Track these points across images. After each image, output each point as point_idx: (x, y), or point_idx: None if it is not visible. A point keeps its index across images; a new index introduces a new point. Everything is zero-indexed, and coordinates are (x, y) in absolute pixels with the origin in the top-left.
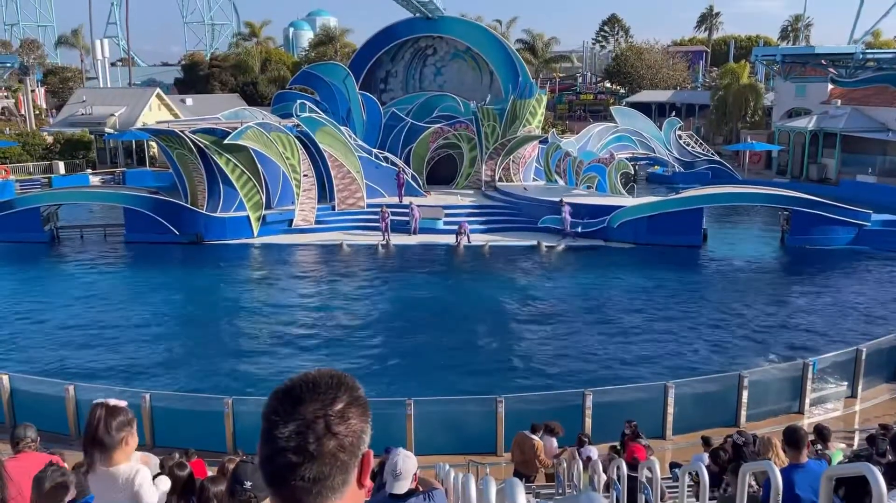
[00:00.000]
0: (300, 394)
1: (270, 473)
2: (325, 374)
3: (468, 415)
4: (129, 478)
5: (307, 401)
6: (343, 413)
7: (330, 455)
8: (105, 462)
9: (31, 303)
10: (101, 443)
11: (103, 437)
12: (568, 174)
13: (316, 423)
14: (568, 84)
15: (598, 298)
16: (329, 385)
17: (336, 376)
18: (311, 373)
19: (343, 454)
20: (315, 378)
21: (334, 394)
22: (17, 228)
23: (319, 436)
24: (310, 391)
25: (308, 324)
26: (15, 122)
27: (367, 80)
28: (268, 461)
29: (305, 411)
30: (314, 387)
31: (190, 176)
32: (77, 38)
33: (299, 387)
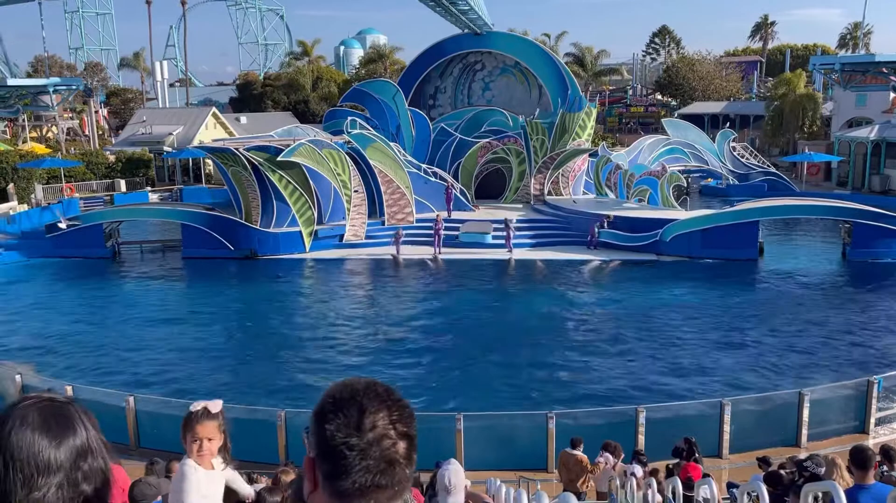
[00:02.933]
0: (364, 404)
1: (352, 485)
2: (370, 382)
3: (518, 431)
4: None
5: (372, 409)
6: (403, 416)
7: (405, 457)
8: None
9: (94, 316)
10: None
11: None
12: (619, 187)
13: (388, 430)
14: (618, 97)
15: (651, 313)
16: (386, 392)
17: (382, 384)
18: (356, 383)
19: (413, 453)
20: (366, 386)
21: (392, 399)
22: (81, 244)
23: (395, 440)
24: (372, 399)
25: (358, 337)
26: (80, 142)
27: (416, 97)
28: (344, 474)
29: (376, 420)
30: (374, 395)
31: (244, 192)
32: (138, 60)
33: (359, 396)
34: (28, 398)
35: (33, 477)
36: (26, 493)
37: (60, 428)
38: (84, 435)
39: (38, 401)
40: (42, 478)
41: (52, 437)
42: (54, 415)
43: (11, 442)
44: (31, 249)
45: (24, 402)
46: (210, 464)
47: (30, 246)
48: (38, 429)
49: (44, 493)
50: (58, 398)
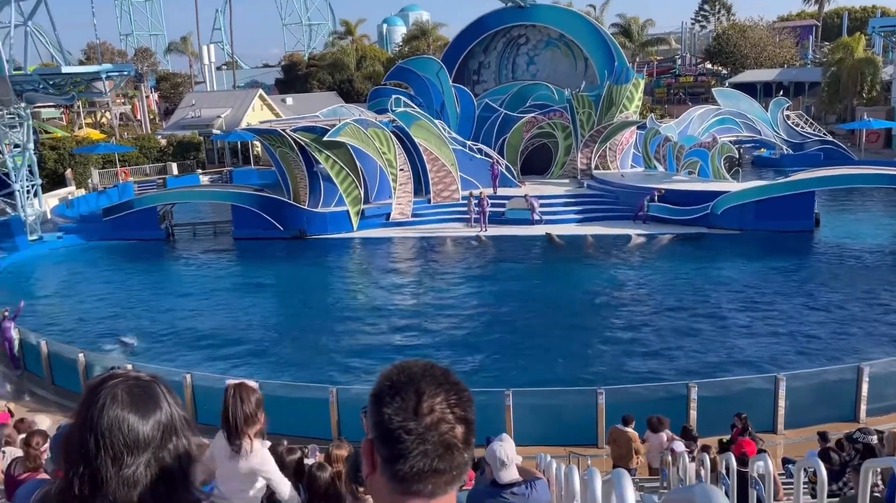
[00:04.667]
0: (421, 388)
1: (410, 470)
2: (428, 365)
3: (567, 407)
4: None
5: (430, 393)
6: (461, 400)
7: (463, 442)
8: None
9: (150, 296)
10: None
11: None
12: (668, 160)
13: (446, 414)
14: (666, 67)
15: (702, 287)
16: (444, 375)
17: (439, 366)
18: (413, 366)
19: (471, 438)
20: (423, 369)
21: (450, 383)
22: (136, 227)
23: (452, 425)
24: (429, 383)
25: (405, 315)
26: (132, 127)
27: (459, 73)
28: (402, 458)
29: (434, 404)
30: (431, 378)
31: (292, 173)
32: (186, 44)
33: (416, 379)
34: (115, 376)
35: (123, 454)
36: (116, 471)
37: (148, 406)
38: (169, 412)
39: (126, 380)
40: (131, 456)
41: (140, 415)
42: (141, 394)
43: (102, 420)
44: (89, 232)
45: (111, 381)
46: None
47: (88, 229)
48: (127, 408)
49: (133, 471)
50: (143, 377)
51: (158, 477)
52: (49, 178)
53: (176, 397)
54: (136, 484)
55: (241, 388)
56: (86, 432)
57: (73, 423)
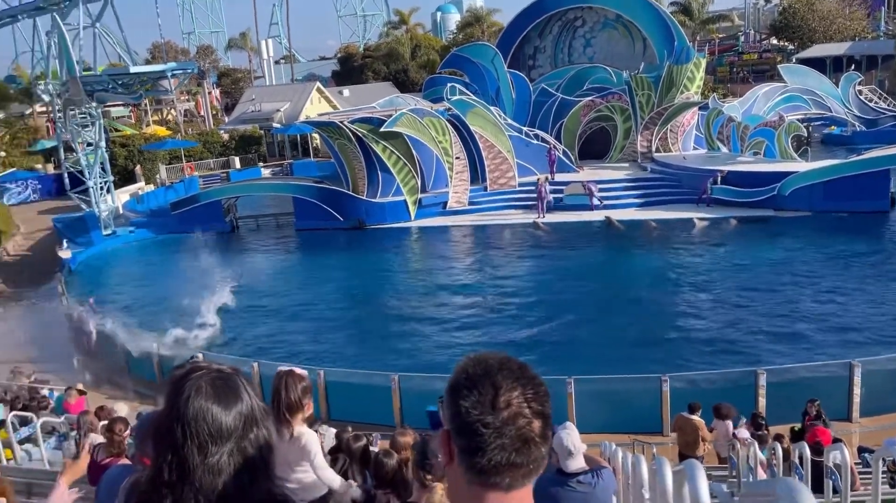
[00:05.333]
0: (498, 382)
1: (487, 463)
2: (504, 359)
3: (631, 394)
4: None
5: (507, 387)
6: (538, 394)
7: (541, 436)
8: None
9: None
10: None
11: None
12: (732, 140)
13: (523, 409)
14: (729, 44)
15: (770, 272)
16: (520, 369)
17: (516, 360)
18: (489, 359)
19: (549, 432)
20: (500, 363)
21: (526, 377)
22: (202, 220)
23: (530, 419)
24: (506, 377)
25: (466, 303)
26: (196, 123)
27: (514, 58)
28: (480, 451)
29: (511, 398)
30: (508, 372)
31: (350, 164)
32: (245, 40)
33: (493, 373)
34: (197, 369)
35: (208, 443)
36: (202, 459)
37: (230, 398)
38: (250, 403)
39: (208, 372)
40: (215, 445)
41: (223, 407)
42: (223, 386)
43: (189, 411)
44: (158, 226)
45: (195, 373)
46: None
47: (158, 223)
48: (211, 399)
49: (217, 459)
50: (224, 369)
51: (241, 465)
52: (120, 174)
53: (254, 388)
54: (220, 472)
55: (289, 376)
56: (173, 422)
57: (160, 413)
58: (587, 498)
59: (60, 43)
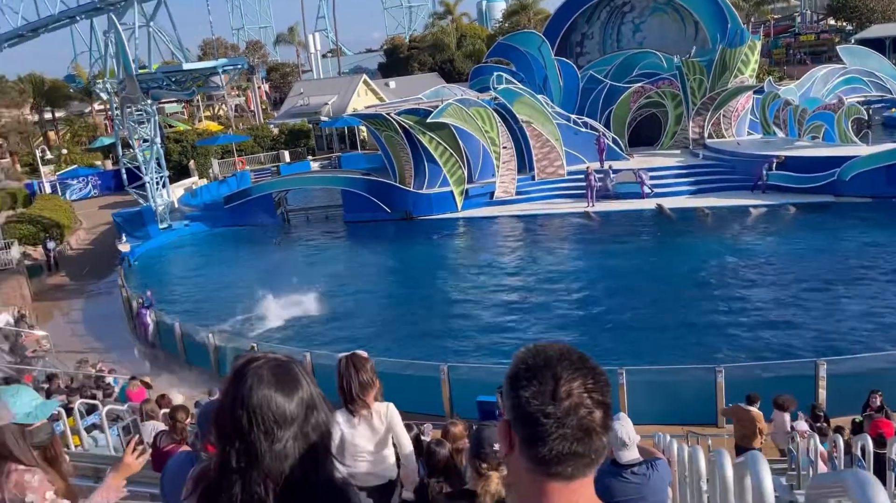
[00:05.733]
0: (558, 372)
1: (549, 453)
2: (565, 349)
3: (684, 385)
4: (386, 412)
5: (567, 377)
6: (599, 384)
7: (602, 426)
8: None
9: (270, 279)
10: (363, 385)
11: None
12: (789, 124)
13: (584, 399)
14: (784, 26)
15: (830, 260)
16: (581, 359)
17: (575, 350)
18: (549, 349)
19: (610, 422)
20: (560, 353)
21: (587, 367)
22: (254, 213)
23: (591, 409)
24: (566, 367)
25: (514, 293)
26: (246, 118)
27: (562, 46)
28: (541, 441)
29: (572, 388)
30: (568, 363)
31: (398, 156)
32: (293, 35)
33: (553, 363)
34: (257, 358)
35: (273, 429)
36: (269, 445)
37: (290, 384)
38: (309, 390)
39: (267, 361)
40: (280, 431)
41: (284, 394)
42: (283, 374)
43: (253, 398)
44: (212, 220)
45: (254, 363)
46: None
47: (212, 216)
48: (273, 387)
49: (283, 445)
50: (281, 358)
51: (304, 450)
52: (174, 169)
53: (311, 376)
54: (286, 457)
55: (354, 358)
56: (238, 410)
57: (222, 402)
58: (641, 489)
59: (117, 42)
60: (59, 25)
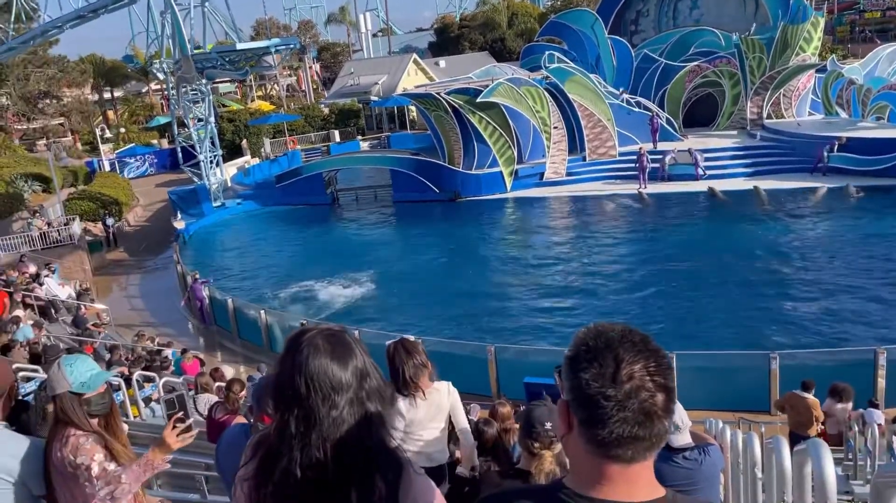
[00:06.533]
0: (620, 354)
1: (609, 435)
2: (626, 330)
3: (737, 371)
4: (448, 391)
5: (629, 360)
6: (661, 367)
7: (664, 409)
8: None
9: (320, 257)
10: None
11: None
12: (852, 105)
13: (646, 382)
14: (849, 2)
15: (890, 246)
16: (643, 342)
17: (637, 331)
18: (610, 330)
19: (672, 405)
20: (622, 335)
21: (649, 349)
22: (304, 192)
23: (653, 393)
24: (628, 349)
25: (561, 275)
26: (297, 98)
27: (615, 24)
28: (601, 424)
29: (633, 371)
30: (630, 345)
31: (447, 136)
32: (343, 14)
33: (615, 345)
34: (310, 329)
35: (330, 396)
36: (327, 411)
37: (344, 353)
38: (362, 359)
39: (321, 331)
40: (337, 397)
41: (339, 361)
42: (337, 343)
43: (310, 367)
44: (264, 198)
45: (309, 332)
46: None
47: (263, 195)
48: (328, 355)
49: (340, 412)
50: (334, 327)
51: (360, 416)
52: (228, 148)
53: (363, 345)
54: (343, 422)
55: (404, 342)
56: (297, 377)
57: (281, 371)
58: (693, 474)
59: (173, 23)
60: (118, 6)
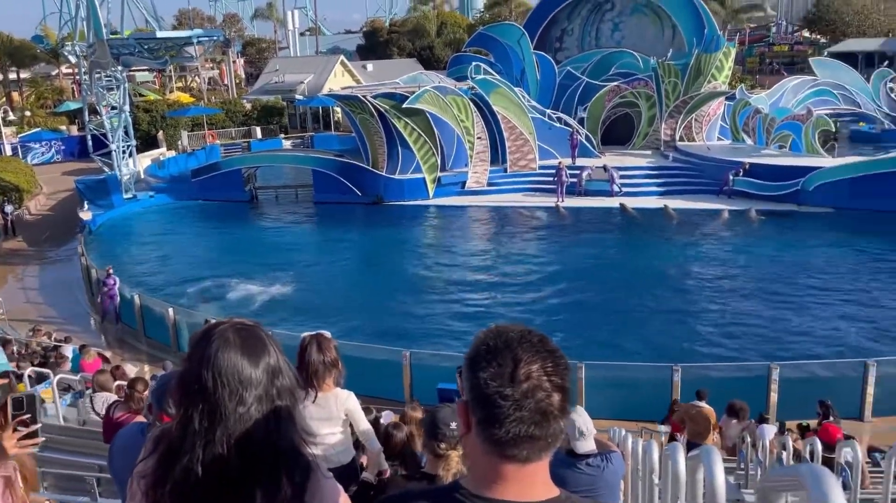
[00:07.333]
0: (518, 354)
1: (505, 435)
2: (525, 331)
3: (641, 382)
4: (345, 401)
5: (527, 360)
6: (558, 367)
7: (560, 410)
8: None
9: (233, 256)
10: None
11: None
12: (758, 132)
13: (543, 382)
14: (759, 35)
15: (789, 268)
16: (541, 342)
17: (536, 332)
18: (510, 331)
19: (568, 406)
20: (521, 335)
21: (547, 350)
22: (222, 188)
23: (549, 392)
24: (527, 349)
25: (477, 284)
26: (219, 91)
27: (541, 40)
28: (497, 423)
29: (531, 371)
30: (528, 345)
31: (371, 139)
32: (271, 10)
33: (513, 345)
34: (222, 322)
35: (238, 391)
36: (234, 406)
37: (255, 348)
38: (275, 356)
39: (233, 325)
40: (245, 393)
41: (250, 357)
42: (249, 337)
43: (219, 360)
44: (179, 192)
45: (220, 326)
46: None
47: (178, 189)
48: (239, 350)
49: (248, 407)
50: (247, 322)
51: (268, 413)
52: (142, 139)
53: (276, 341)
54: (250, 419)
55: (319, 338)
56: (204, 371)
57: (188, 365)
58: (595, 480)
59: (88, 5)
60: None
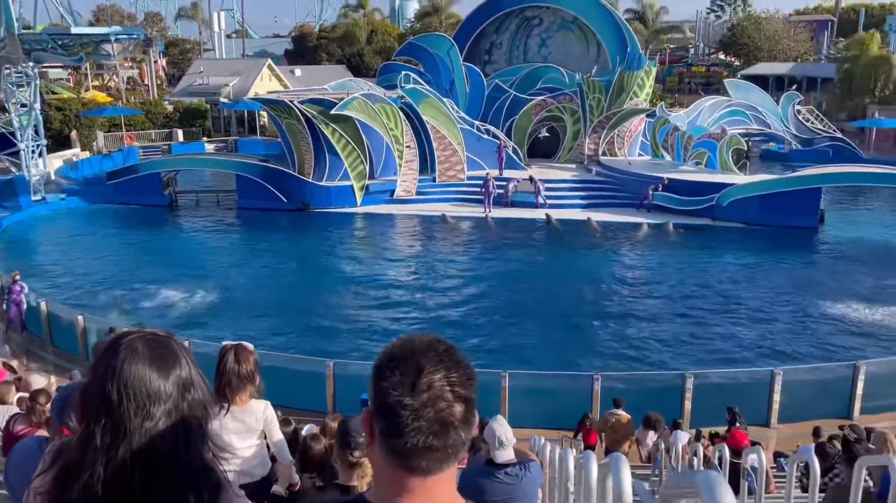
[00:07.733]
0: (421, 363)
1: (405, 445)
2: (432, 340)
3: (562, 391)
4: (263, 412)
5: (430, 369)
6: (462, 378)
7: (462, 421)
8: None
9: (149, 262)
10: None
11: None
12: (676, 149)
13: (445, 392)
14: (679, 56)
15: (703, 279)
16: (446, 352)
17: (444, 342)
18: (416, 340)
19: (471, 417)
20: (426, 345)
21: (452, 360)
22: (139, 192)
23: (450, 403)
24: (431, 359)
25: (404, 293)
26: (139, 92)
27: (471, 52)
28: (397, 433)
29: (433, 381)
30: (433, 354)
31: (298, 145)
32: (196, 11)
33: (418, 354)
34: (131, 332)
35: (145, 406)
36: (140, 421)
37: (166, 360)
38: (188, 368)
39: (143, 335)
40: (153, 407)
41: (159, 369)
42: (159, 348)
43: (125, 372)
44: (92, 195)
45: (129, 336)
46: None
47: (92, 192)
48: (147, 361)
49: (155, 422)
50: (159, 332)
51: (177, 428)
52: (54, 138)
53: (190, 353)
54: (157, 435)
55: (239, 349)
56: (108, 384)
57: (92, 377)
58: (513, 489)
59: None
60: None
